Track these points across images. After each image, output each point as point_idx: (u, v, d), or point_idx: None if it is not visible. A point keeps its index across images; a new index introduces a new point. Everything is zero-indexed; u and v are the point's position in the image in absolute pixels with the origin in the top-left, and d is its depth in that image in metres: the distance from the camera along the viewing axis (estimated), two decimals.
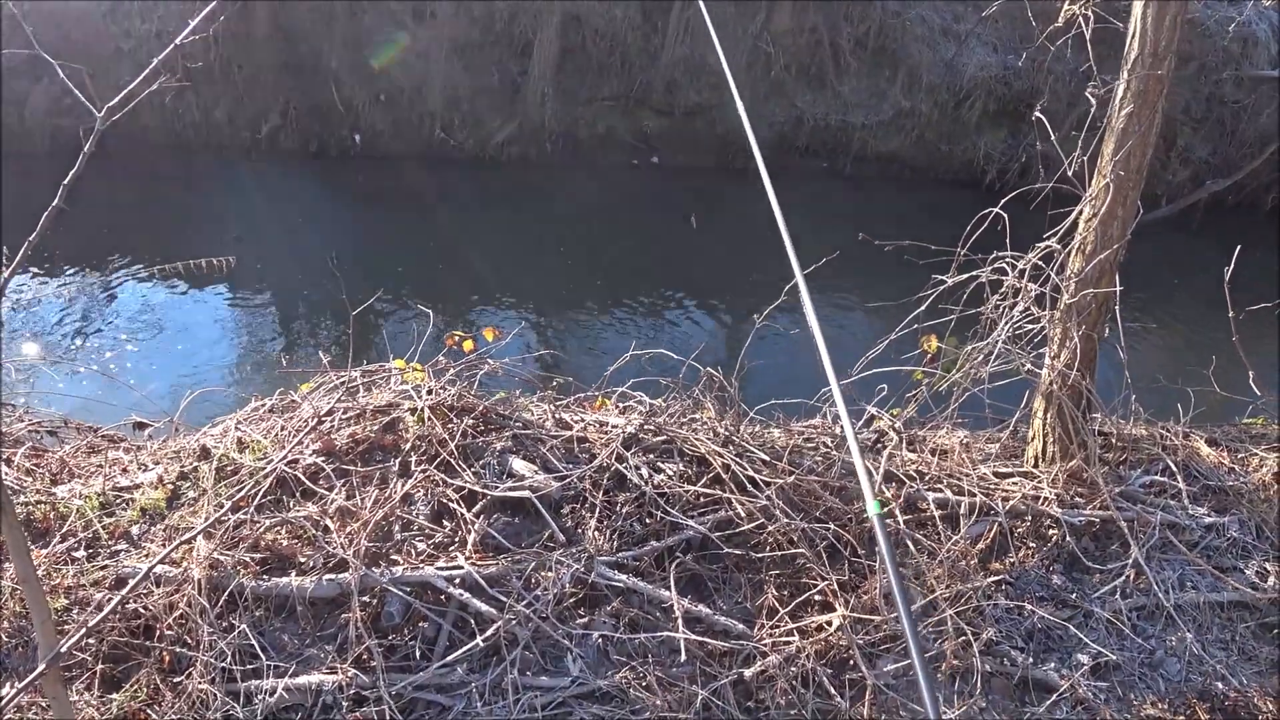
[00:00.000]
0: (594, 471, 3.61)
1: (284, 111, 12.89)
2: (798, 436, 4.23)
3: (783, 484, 3.61)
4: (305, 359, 7.28)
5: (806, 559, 3.49)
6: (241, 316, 8.35)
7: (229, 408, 4.83)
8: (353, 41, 12.93)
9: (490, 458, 3.65)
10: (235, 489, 3.67)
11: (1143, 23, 3.30)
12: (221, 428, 4.27)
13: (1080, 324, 3.80)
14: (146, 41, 12.32)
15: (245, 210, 11.11)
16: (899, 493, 3.84)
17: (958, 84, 14.14)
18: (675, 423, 4.03)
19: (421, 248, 10.68)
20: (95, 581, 3.49)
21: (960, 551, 3.66)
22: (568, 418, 4.07)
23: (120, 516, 3.78)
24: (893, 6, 14.06)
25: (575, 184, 13.04)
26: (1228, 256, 4.17)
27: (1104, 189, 3.62)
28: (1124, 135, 3.48)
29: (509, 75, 13.20)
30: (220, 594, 3.23)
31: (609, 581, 3.28)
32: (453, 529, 3.39)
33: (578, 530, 3.51)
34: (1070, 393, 4.02)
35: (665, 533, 3.55)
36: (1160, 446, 4.82)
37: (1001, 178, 14.12)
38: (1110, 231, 3.70)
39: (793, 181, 13.58)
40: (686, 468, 3.82)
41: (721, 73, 13.29)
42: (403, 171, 12.89)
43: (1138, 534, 4.09)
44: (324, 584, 3.20)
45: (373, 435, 3.84)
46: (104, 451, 4.58)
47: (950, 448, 4.52)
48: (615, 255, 10.99)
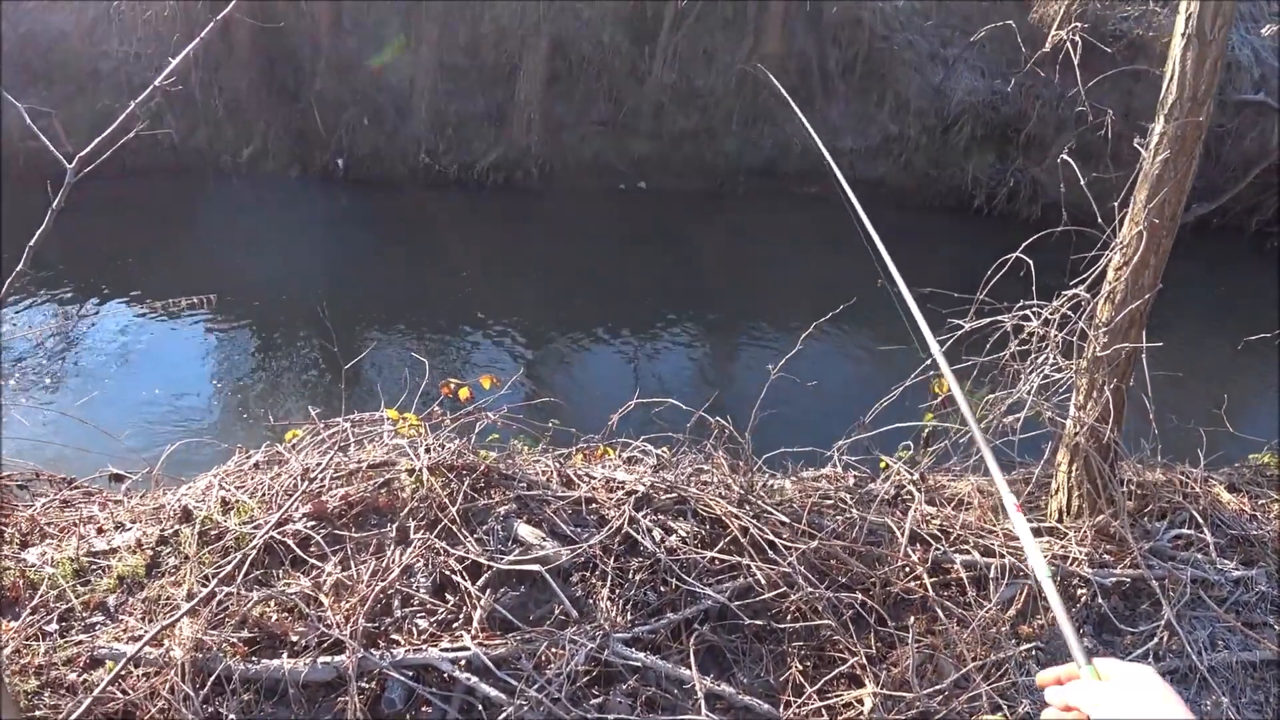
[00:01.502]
0: (605, 537, 3.40)
1: (266, 135, 12.67)
2: (813, 492, 4.03)
3: (805, 549, 3.41)
4: (292, 404, 7.03)
5: (832, 629, 3.29)
6: (223, 353, 8.09)
7: (212, 457, 4.59)
8: (336, 64, 12.74)
9: (494, 523, 3.43)
10: (220, 557, 3.43)
11: (1181, 66, 3.15)
12: (204, 484, 4.03)
13: (1111, 376, 3.63)
14: (126, 63, 12.10)
15: (227, 236, 10.85)
16: (925, 554, 3.65)
17: (945, 109, 14.11)
18: (686, 479, 3.83)
19: (407, 274, 10.47)
20: (69, 660, 3.24)
21: (991, 618, 3.47)
22: (573, 475, 3.86)
23: (96, 585, 3.53)
24: (881, 31, 14.03)
25: (563, 209, 12.88)
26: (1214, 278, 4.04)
27: (1136, 236, 3.46)
28: (1159, 182, 3.32)
29: (495, 99, 13.05)
30: (205, 677, 2.99)
31: (625, 661, 3.07)
32: (457, 604, 3.16)
33: (589, 600, 3.29)
34: (1098, 447, 3.85)
35: (682, 602, 3.34)
36: (1181, 494, 4.67)
37: (990, 202, 14.08)
38: (1142, 280, 3.54)
39: (781, 206, 13.49)
40: (700, 528, 3.62)
41: (708, 98, 13.21)
42: (387, 196, 12.69)
43: (1168, 592, 3.92)
44: (318, 667, 2.96)
45: (367, 495, 3.61)
46: (78, 507, 4.33)
47: (968, 499, 4.35)
48: (606, 282, 10.81)
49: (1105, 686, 1.17)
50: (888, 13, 14.25)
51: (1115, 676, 1.17)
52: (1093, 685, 1.18)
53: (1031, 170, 13.98)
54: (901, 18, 14.42)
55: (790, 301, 10.27)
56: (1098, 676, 1.19)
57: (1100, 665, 1.20)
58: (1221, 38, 3.02)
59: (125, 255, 10.00)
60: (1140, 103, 13.78)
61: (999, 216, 13.88)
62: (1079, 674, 1.21)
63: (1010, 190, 14.02)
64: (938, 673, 3.29)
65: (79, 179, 2.45)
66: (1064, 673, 1.24)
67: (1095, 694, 1.16)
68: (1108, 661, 1.21)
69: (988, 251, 4.14)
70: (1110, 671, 1.19)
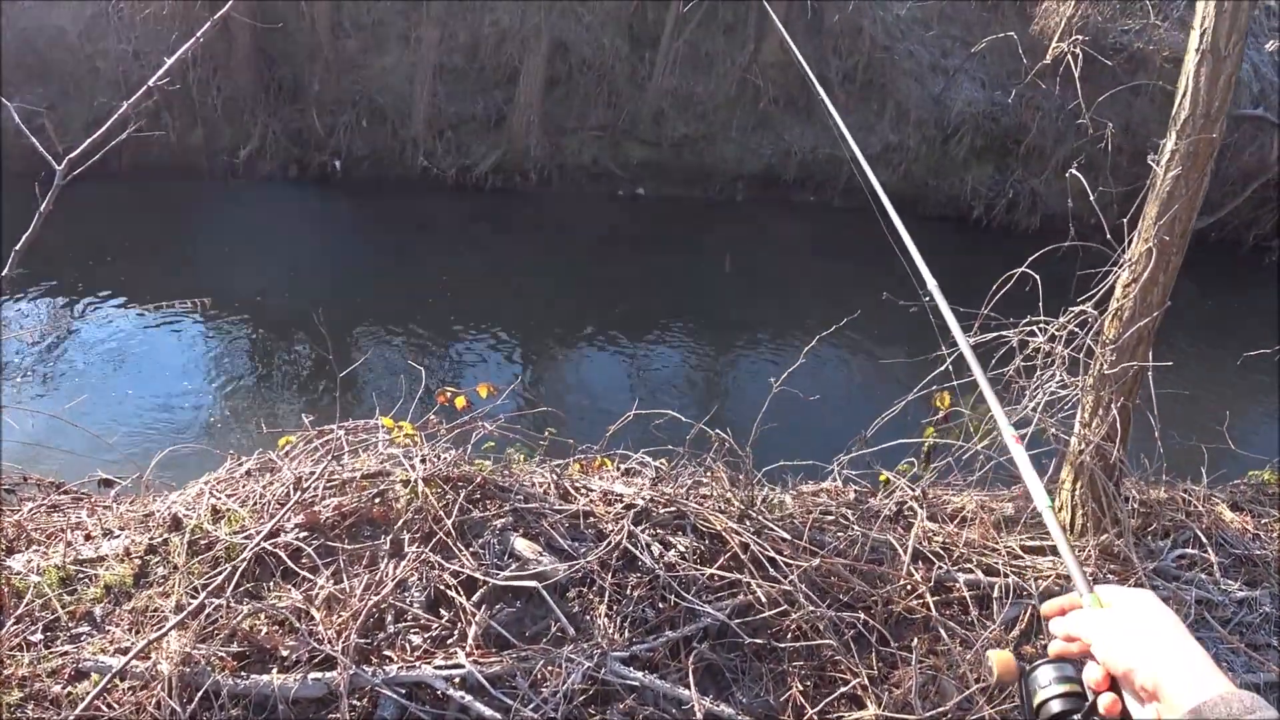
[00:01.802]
0: (603, 552, 3.34)
1: (263, 135, 12.58)
2: (814, 507, 3.98)
3: (806, 567, 3.35)
4: (286, 409, 6.95)
5: (833, 649, 3.23)
6: (217, 357, 8.00)
7: (204, 463, 4.51)
8: (335, 65, 12.67)
9: (490, 536, 3.36)
10: (209, 567, 3.36)
11: (1195, 82, 3.10)
12: (195, 491, 3.95)
13: (1118, 395, 3.58)
14: (123, 61, 11.99)
15: (222, 238, 10.76)
16: (928, 573, 3.59)
17: (945, 119, 14.08)
18: (685, 493, 3.77)
19: (403, 277, 10.39)
20: (53, 671, 3.17)
21: (995, 639, 3.41)
22: (571, 487, 3.80)
23: (82, 594, 3.46)
24: (882, 41, 14.00)
25: (560, 214, 12.81)
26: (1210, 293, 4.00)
27: (1146, 254, 3.42)
28: (1170, 199, 3.28)
29: (494, 103, 12.98)
30: (193, 692, 2.92)
31: (622, 680, 3.01)
32: (451, 619, 3.10)
33: (586, 617, 3.23)
34: (1103, 465, 3.80)
35: (680, 620, 3.28)
36: (1184, 512, 4.63)
37: (988, 213, 14.05)
38: (1150, 298, 3.49)
39: (781, 214, 13.45)
40: (699, 543, 3.56)
41: (708, 104, 13.18)
42: (384, 198, 12.61)
43: None
44: (309, 683, 2.90)
45: (361, 506, 3.55)
46: (66, 512, 4.25)
47: (969, 513, 4.30)
48: (604, 290, 10.75)
49: (1106, 614, 1.16)
50: (889, 22, 14.22)
51: (1117, 604, 1.17)
52: (1094, 613, 1.17)
53: (1031, 182, 13.96)
54: (902, 27, 14.39)
55: (790, 311, 10.23)
56: (1099, 604, 1.18)
57: (1101, 592, 1.20)
58: (1236, 53, 2.98)
59: (120, 255, 9.91)
60: (1140, 116, 13.79)
61: (998, 228, 13.86)
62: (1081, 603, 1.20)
63: (1009, 201, 14.00)
64: (940, 694, 3.24)
65: (75, 178, 2.39)
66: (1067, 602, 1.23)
67: (1097, 622, 1.15)
68: (1109, 588, 1.20)
69: (986, 263, 4.09)
70: (1111, 598, 1.18)
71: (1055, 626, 1.22)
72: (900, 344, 8.52)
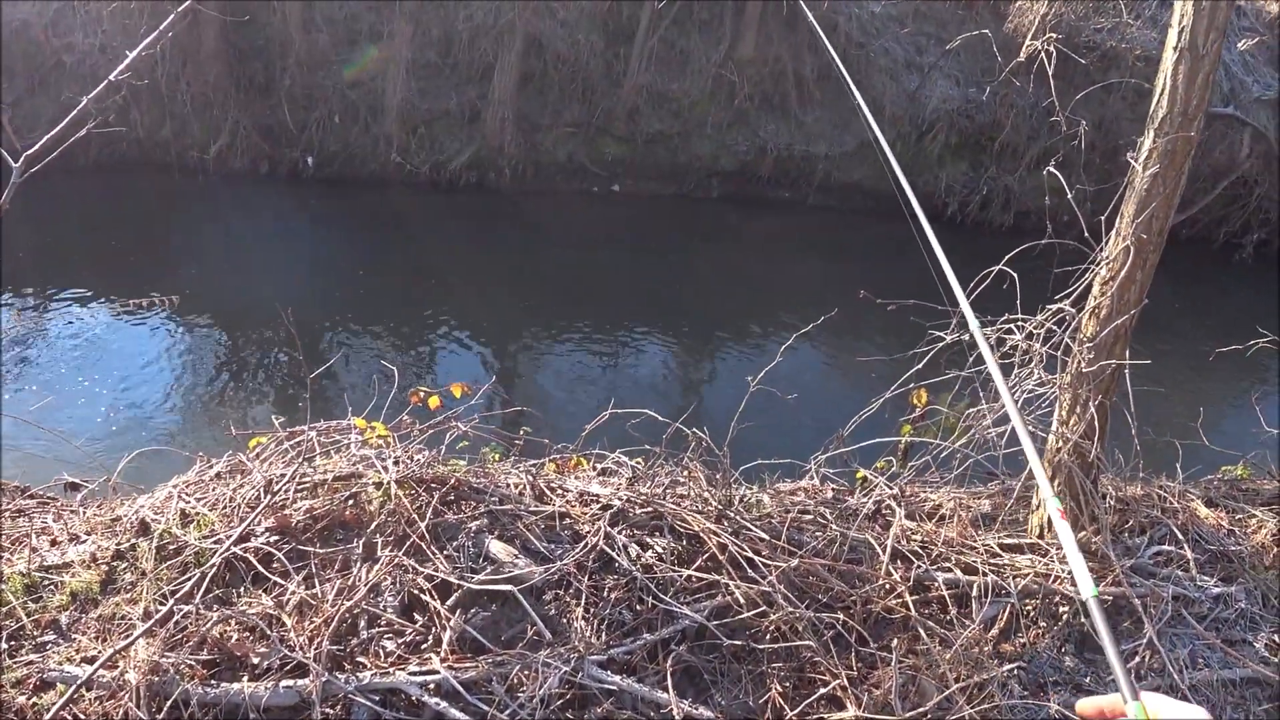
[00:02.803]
0: (579, 554, 3.30)
1: (234, 131, 12.41)
2: (792, 506, 3.95)
3: (785, 568, 3.33)
4: (257, 409, 6.85)
5: (813, 650, 3.21)
6: (186, 357, 7.88)
7: (172, 466, 4.43)
8: (306, 60, 12.53)
9: (464, 539, 3.31)
10: (178, 573, 3.29)
11: (1173, 79, 3.09)
12: (164, 495, 3.87)
13: (1095, 392, 3.58)
14: (90, 55, 11.81)
15: (191, 234, 10.62)
16: (908, 573, 3.58)
17: (920, 116, 14.12)
18: (662, 493, 3.74)
19: (376, 275, 10.29)
20: (18, 682, 3.09)
21: (974, 638, 3.40)
22: (546, 488, 3.75)
23: (48, 602, 3.38)
24: (857, 38, 14.02)
25: (535, 210, 12.75)
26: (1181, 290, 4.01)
27: (1123, 251, 3.41)
28: (1148, 197, 3.27)
29: (468, 99, 12.87)
30: (162, 701, 2.85)
31: (600, 684, 2.97)
32: (425, 624, 3.04)
33: (563, 619, 3.19)
34: (1081, 463, 3.80)
35: (658, 622, 3.24)
36: (1160, 509, 4.64)
37: (962, 210, 14.11)
38: (1128, 296, 3.49)
39: (756, 211, 13.45)
40: (677, 544, 3.53)
41: (683, 101, 13.13)
42: (357, 195, 12.50)
43: (1150, 611, 3.87)
44: (280, 690, 2.84)
45: (333, 509, 3.49)
46: (31, 517, 4.16)
47: (946, 511, 4.29)
48: (579, 287, 10.70)
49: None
50: (864, 19, 14.24)
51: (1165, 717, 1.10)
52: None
53: (1004, 179, 14.03)
54: (877, 24, 14.42)
55: (766, 308, 10.23)
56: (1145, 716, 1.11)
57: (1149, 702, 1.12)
58: (1215, 51, 2.97)
59: (86, 253, 9.76)
60: (1113, 113, 13.89)
61: (971, 224, 13.93)
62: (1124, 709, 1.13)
63: (983, 198, 14.06)
64: (920, 694, 3.22)
65: (40, 174, 2.31)
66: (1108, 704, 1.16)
67: None
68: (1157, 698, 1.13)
69: (961, 259, 4.08)
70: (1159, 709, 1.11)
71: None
72: (876, 341, 8.54)
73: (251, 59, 12.55)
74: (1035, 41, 4.28)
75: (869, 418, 4.21)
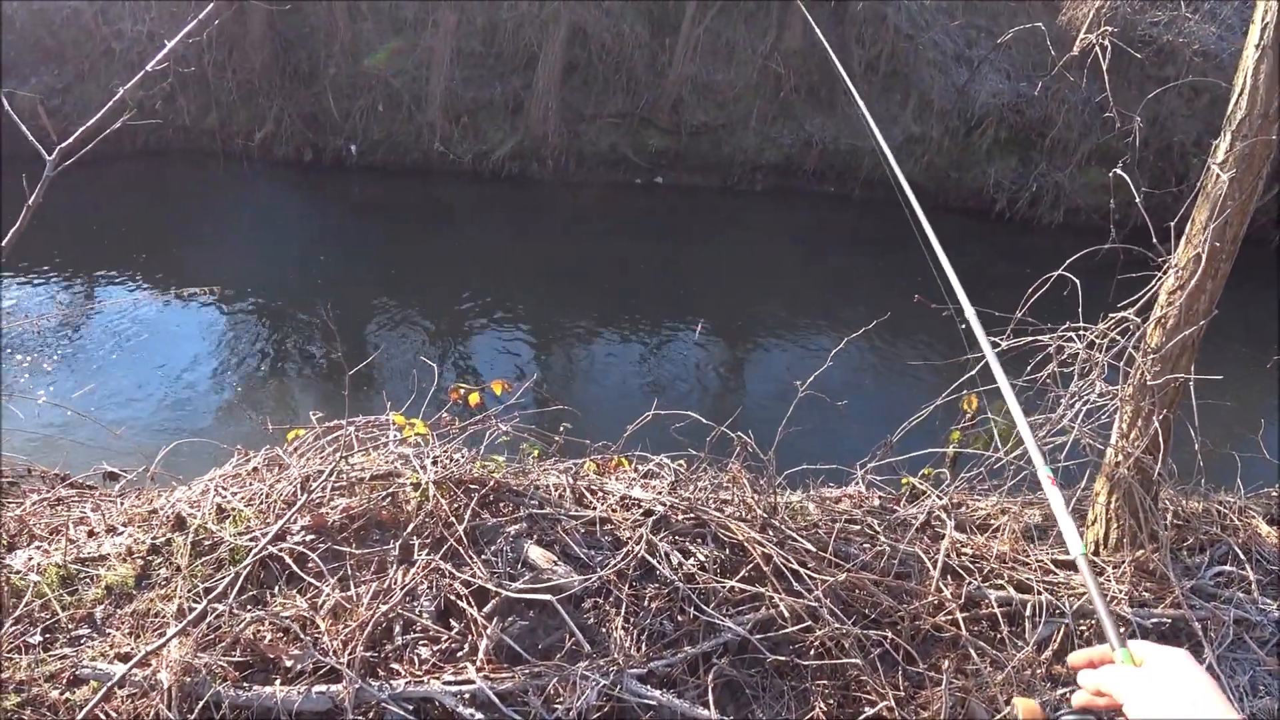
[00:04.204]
0: (620, 562, 3.21)
1: (278, 119, 12.47)
2: (839, 516, 3.83)
3: (831, 582, 3.22)
4: (297, 398, 6.84)
5: (859, 668, 3.10)
6: (227, 346, 7.89)
7: (211, 456, 4.40)
8: (351, 49, 12.54)
9: (503, 543, 3.24)
10: (213, 570, 3.25)
11: (1253, 79, 2.93)
12: (200, 488, 3.84)
13: (1160, 406, 3.42)
14: (138, 43, 11.89)
15: (234, 222, 10.66)
16: (958, 589, 3.45)
17: (969, 110, 13.86)
18: (706, 499, 3.64)
19: (417, 265, 10.28)
20: (51, 675, 3.06)
21: (1026, 659, 3.27)
22: (587, 490, 3.66)
23: (83, 595, 3.35)
24: (905, 30, 13.77)
25: (577, 202, 12.68)
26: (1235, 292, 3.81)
27: (1193, 259, 3.25)
28: (1223, 202, 3.11)
29: (512, 88, 12.82)
30: (194, 703, 2.81)
31: (639, 698, 2.88)
32: (461, 631, 2.97)
33: (602, 629, 3.10)
34: (1141, 478, 3.64)
35: (700, 634, 3.14)
36: (1220, 525, 4.46)
37: (1011, 206, 13.84)
38: (1196, 306, 3.33)
39: (800, 206, 13.26)
40: (720, 552, 3.43)
41: (728, 92, 12.99)
42: (399, 184, 12.51)
43: (1210, 634, 3.71)
44: (313, 696, 2.78)
45: (370, 508, 3.43)
46: (70, 505, 4.15)
47: (996, 521, 4.15)
48: (621, 281, 10.60)
49: (1140, 674, 1.13)
50: (913, 11, 13.99)
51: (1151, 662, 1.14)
52: (1127, 671, 1.14)
53: (1054, 175, 13.73)
54: (926, 16, 14.16)
55: (811, 305, 10.07)
56: (1133, 661, 1.15)
57: (1135, 648, 1.17)
58: None
59: (130, 239, 9.82)
60: (1168, 110, 13.53)
61: (1020, 221, 13.65)
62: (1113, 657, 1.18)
63: (1033, 195, 13.78)
64: (970, 717, 3.10)
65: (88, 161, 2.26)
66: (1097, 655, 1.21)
67: (1129, 680, 1.12)
68: (1143, 645, 1.17)
69: (1008, 257, 3.94)
70: (1145, 655, 1.15)
71: (1085, 679, 1.19)
72: (924, 342, 8.36)
73: (297, 47, 12.59)
74: (1090, 35, 4.10)
75: (926, 430, 4.08)
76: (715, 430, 3.91)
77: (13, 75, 11.60)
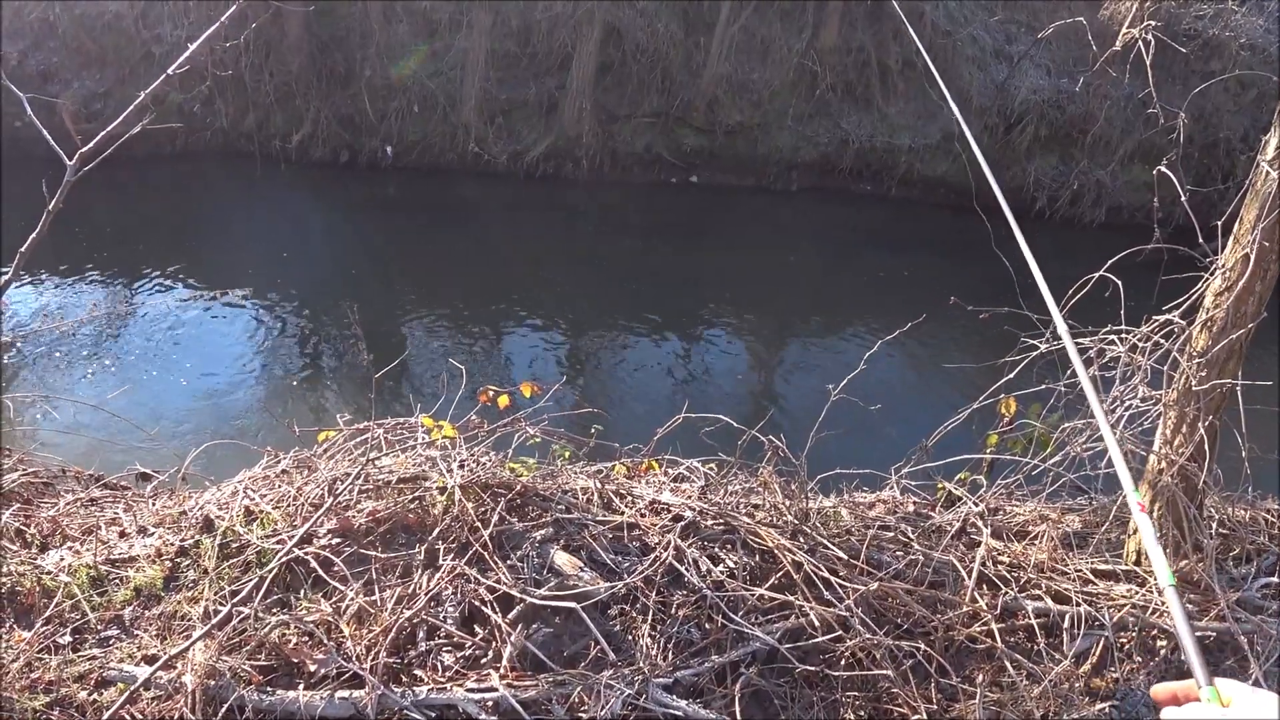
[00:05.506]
0: (648, 568, 3.16)
1: (315, 121, 12.57)
2: (872, 522, 3.76)
3: (863, 591, 3.15)
4: (329, 398, 6.86)
5: (890, 680, 3.02)
6: (261, 344, 7.95)
7: (243, 458, 4.42)
8: (386, 51, 12.61)
9: (529, 549, 3.20)
10: (240, 572, 3.25)
11: None
12: (229, 490, 3.85)
13: (1206, 412, 3.31)
14: (178, 47, 12.01)
15: (270, 223, 10.75)
16: (994, 599, 3.36)
17: (1009, 107, 13.65)
18: (736, 504, 3.58)
19: (451, 265, 10.30)
20: (79, 676, 3.08)
21: (1065, 673, 3.18)
22: (615, 494, 3.62)
23: (112, 596, 3.37)
24: (944, 26, 13.59)
25: (612, 202, 12.65)
26: None
27: (1241, 260, 3.14)
28: (1273, 201, 3.00)
29: (546, 89, 12.82)
30: (217, 706, 2.80)
31: (665, 709, 2.83)
32: (485, 638, 2.94)
33: (628, 636, 3.06)
34: (1185, 486, 3.53)
35: (728, 643, 3.09)
36: (1266, 535, 4.33)
37: (1051, 205, 13.61)
38: (1245, 309, 3.21)
39: (836, 205, 13.14)
40: (749, 559, 3.37)
41: (763, 91, 12.89)
42: (434, 184, 12.56)
43: (1256, 649, 3.59)
44: (335, 702, 2.76)
45: (396, 512, 3.41)
46: (103, 506, 4.18)
47: (1034, 528, 4.05)
48: (654, 282, 10.55)
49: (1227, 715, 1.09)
50: (951, 7, 13.81)
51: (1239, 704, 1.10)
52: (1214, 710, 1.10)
53: (1096, 173, 13.49)
54: (965, 12, 13.97)
55: (846, 306, 9.96)
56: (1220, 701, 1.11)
57: (1222, 687, 1.12)
58: None
59: (168, 241, 9.94)
60: (1213, 105, 13.22)
61: (1060, 220, 13.43)
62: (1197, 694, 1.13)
63: (1074, 193, 13.55)
64: None
65: (125, 163, 2.26)
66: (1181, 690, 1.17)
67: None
68: (1230, 684, 1.13)
69: (1049, 257, 3.82)
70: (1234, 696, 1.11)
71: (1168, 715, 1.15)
72: (961, 344, 8.23)
73: (333, 50, 12.68)
74: (1133, 29, 3.99)
75: (963, 435, 3.99)
76: (746, 434, 3.84)
77: (55, 80, 11.81)
